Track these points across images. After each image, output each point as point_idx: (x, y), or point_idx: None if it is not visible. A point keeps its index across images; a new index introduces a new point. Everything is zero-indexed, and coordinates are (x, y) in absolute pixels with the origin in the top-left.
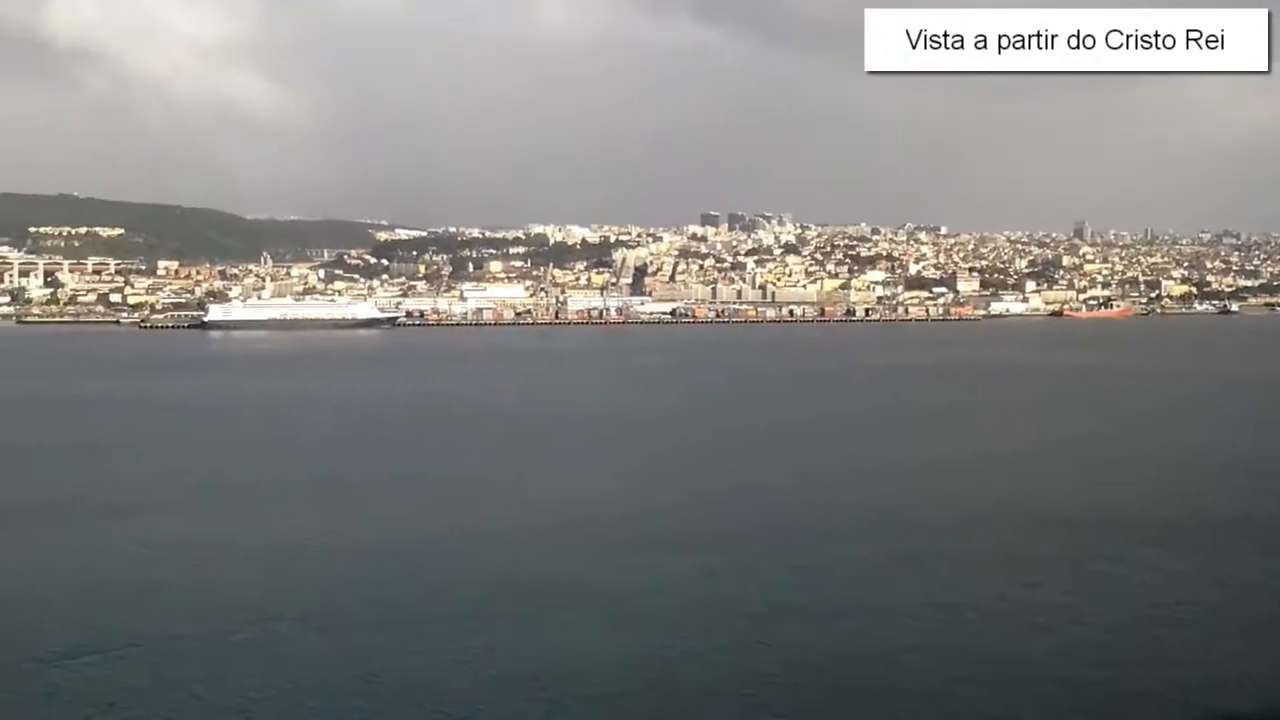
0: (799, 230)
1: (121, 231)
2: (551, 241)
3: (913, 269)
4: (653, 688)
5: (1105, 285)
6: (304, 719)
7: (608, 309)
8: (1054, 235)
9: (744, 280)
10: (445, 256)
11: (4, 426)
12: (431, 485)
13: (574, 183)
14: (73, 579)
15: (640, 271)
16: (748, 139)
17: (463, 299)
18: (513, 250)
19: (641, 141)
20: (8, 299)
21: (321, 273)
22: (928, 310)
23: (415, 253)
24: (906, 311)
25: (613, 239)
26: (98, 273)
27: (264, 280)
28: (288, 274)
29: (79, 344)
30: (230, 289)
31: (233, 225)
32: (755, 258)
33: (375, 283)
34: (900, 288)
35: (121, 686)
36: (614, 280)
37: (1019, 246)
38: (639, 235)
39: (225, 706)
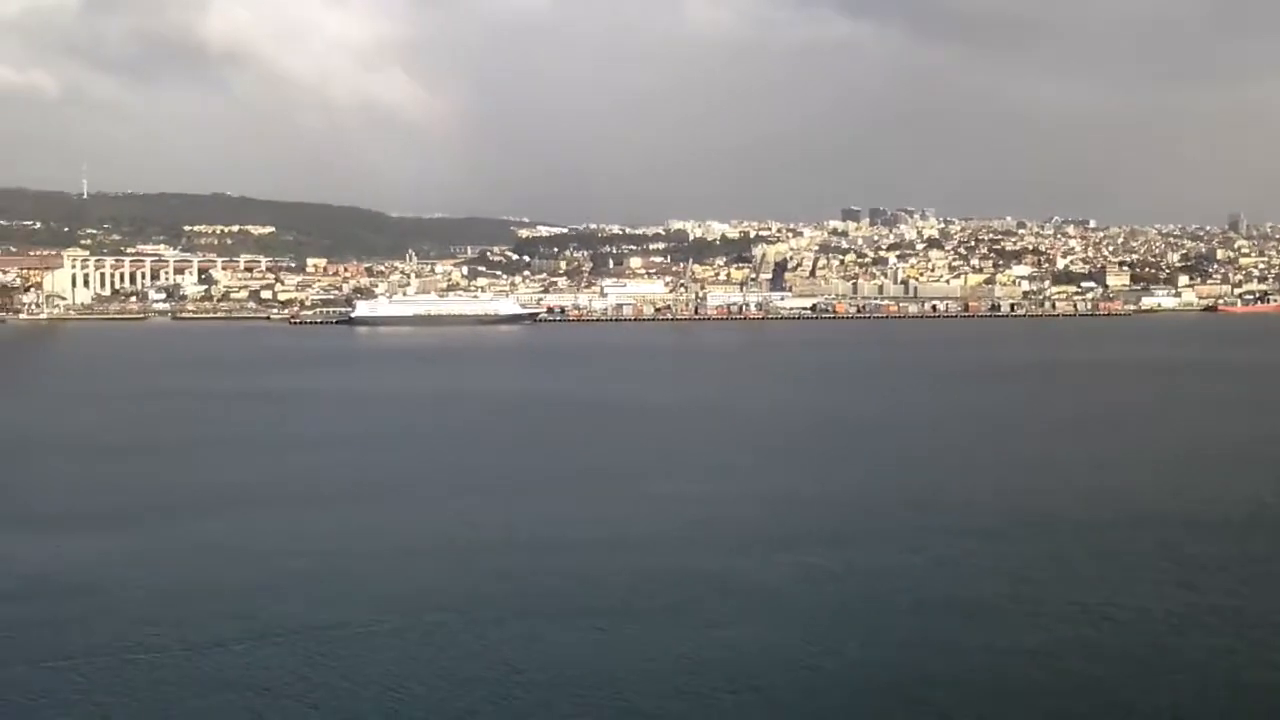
0: (942, 224)
1: (272, 230)
2: (691, 237)
3: (1060, 263)
4: (803, 680)
5: (1261, 279)
6: (456, 708)
7: (747, 304)
8: (1207, 228)
9: (885, 275)
10: (586, 253)
11: (188, 421)
12: (582, 480)
13: (715, 179)
14: (232, 569)
15: (780, 267)
16: (891, 133)
17: (603, 295)
18: (653, 246)
19: (782, 137)
20: (164, 296)
21: (465, 269)
22: (1075, 305)
23: (556, 249)
24: (1053, 307)
25: (752, 234)
26: (249, 270)
27: (409, 277)
28: (432, 271)
29: (235, 340)
30: (376, 286)
31: (379, 223)
32: (897, 252)
33: (517, 279)
34: (1047, 282)
35: (280, 673)
36: (754, 276)
37: (1171, 239)
38: (779, 230)
39: (380, 694)
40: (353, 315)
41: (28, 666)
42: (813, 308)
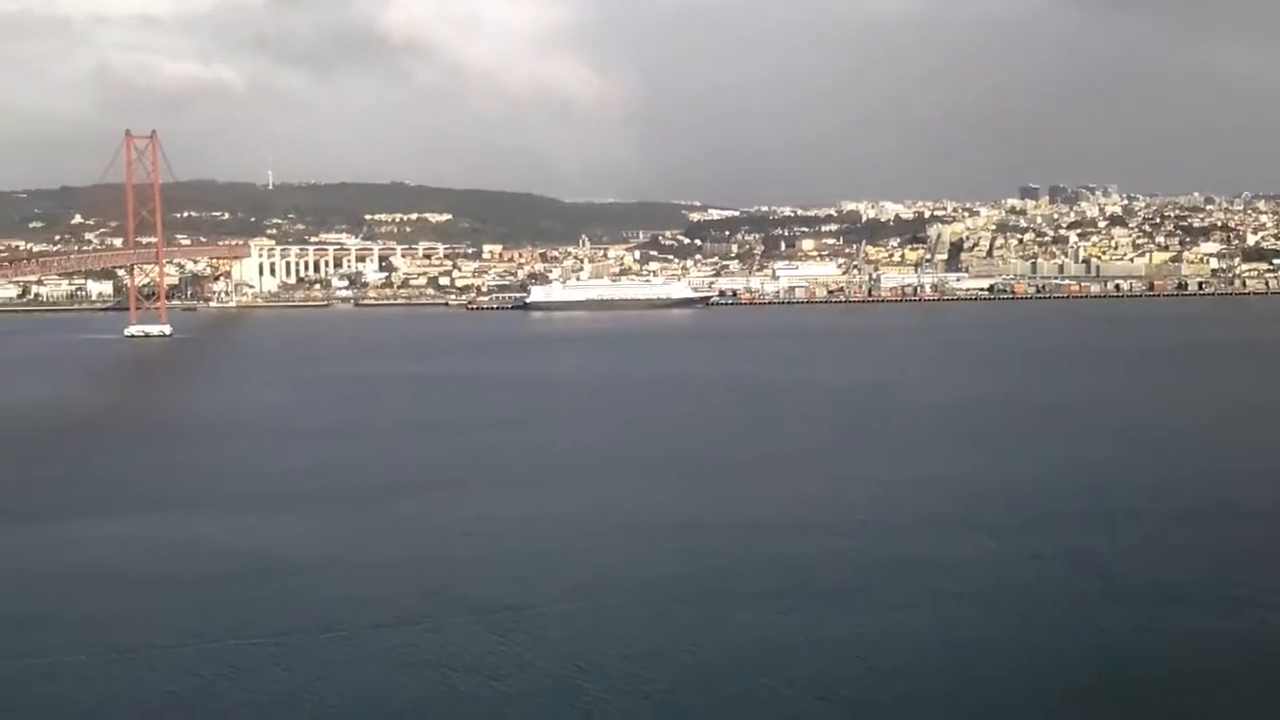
0: (1125, 201)
1: (449, 217)
2: (864, 218)
3: (1250, 239)
4: (988, 668)
5: None
6: (641, 690)
7: (922, 286)
8: None
9: (1066, 254)
10: (758, 235)
11: (378, 405)
12: (763, 462)
13: (888, 159)
14: (419, 549)
15: (956, 247)
16: (1070, 109)
17: (775, 277)
18: (825, 228)
19: (957, 115)
20: (347, 283)
21: (637, 254)
22: (1267, 283)
23: (728, 232)
24: (1244, 284)
25: (927, 215)
26: (428, 257)
27: (582, 262)
28: (605, 255)
29: (415, 326)
30: (550, 271)
31: (553, 209)
32: (1078, 230)
33: (689, 263)
34: (1237, 260)
35: (465, 651)
36: (928, 257)
37: None
38: (954, 210)
39: (566, 674)
40: (528, 300)
41: (225, 641)
42: (990, 288)
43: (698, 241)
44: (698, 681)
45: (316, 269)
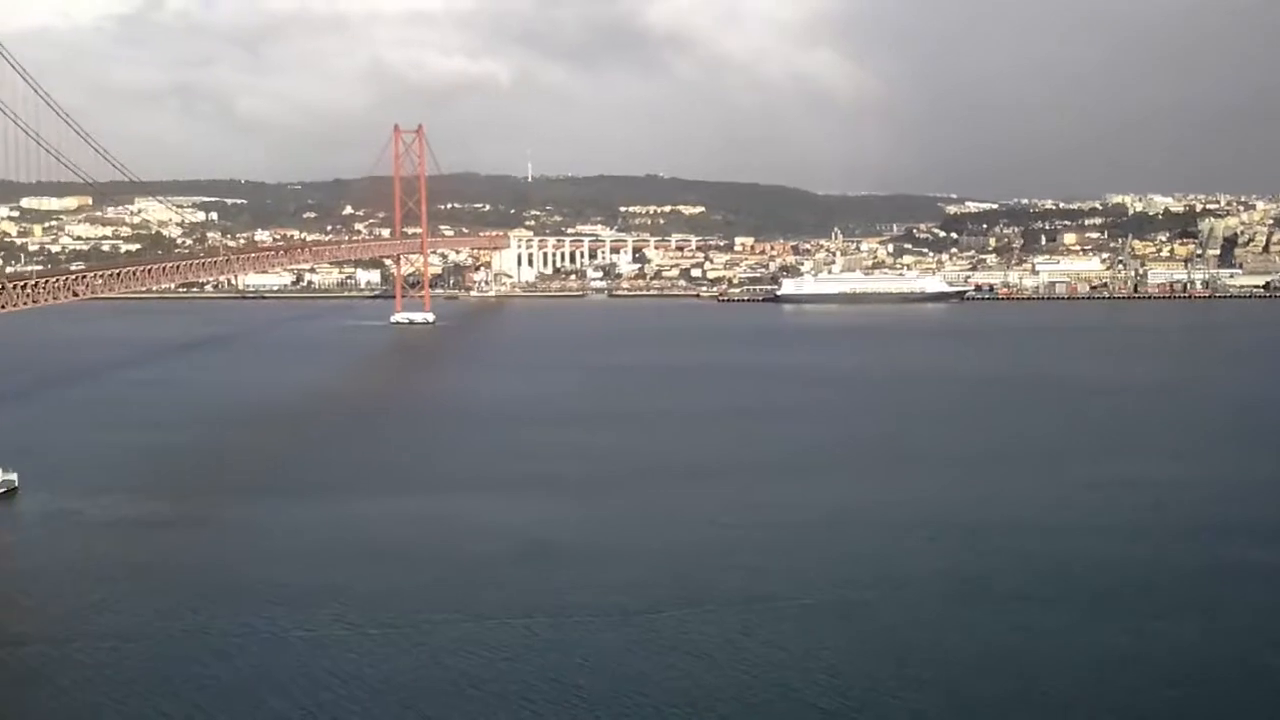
0: None
1: (702, 209)
2: (1130, 212)
3: None
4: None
5: None
6: (887, 686)
7: (1192, 282)
8: None
9: None
10: (1016, 229)
11: (636, 393)
12: (1018, 459)
13: (1156, 150)
14: (669, 536)
15: (1229, 242)
16: None
17: (1034, 272)
18: (1088, 221)
19: (1232, 104)
20: (601, 274)
21: (890, 247)
22: None
23: (985, 225)
24: None
25: (1198, 208)
26: (680, 249)
27: (834, 255)
28: (857, 248)
29: (667, 317)
30: (802, 264)
31: (805, 201)
32: None
33: (944, 256)
34: None
35: (711, 639)
36: (1199, 252)
37: None
38: (1228, 203)
39: (810, 667)
40: (778, 293)
41: (483, 620)
42: (1266, 285)
43: (954, 235)
44: (943, 685)
45: (572, 260)
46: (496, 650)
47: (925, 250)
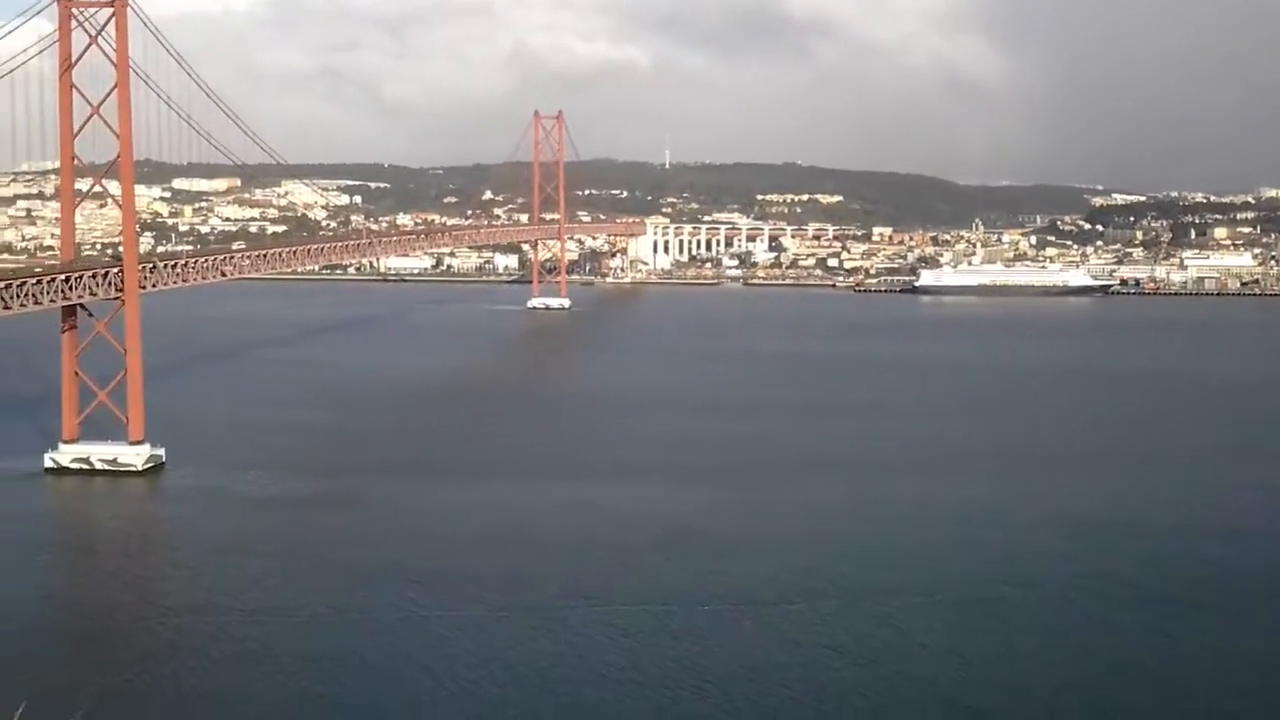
0: None
1: (840, 198)
2: None
3: None
4: None
5: None
6: (1021, 685)
7: None
8: None
9: None
10: (1165, 222)
11: (771, 383)
12: (1154, 461)
13: None
14: (796, 526)
15: None
16: None
17: (1182, 267)
18: (1240, 216)
19: None
20: (736, 262)
21: (1033, 239)
22: None
23: (1132, 218)
24: None
25: None
26: (817, 238)
27: (975, 246)
28: (998, 240)
29: (802, 306)
30: (941, 254)
31: (946, 191)
32: None
33: (1088, 249)
34: None
35: (840, 632)
36: None
37: None
38: None
39: (939, 662)
40: (916, 284)
41: (614, 605)
42: None
43: (1099, 227)
44: (1083, 687)
45: (708, 247)
46: (631, 636)
47: (1069, 243)
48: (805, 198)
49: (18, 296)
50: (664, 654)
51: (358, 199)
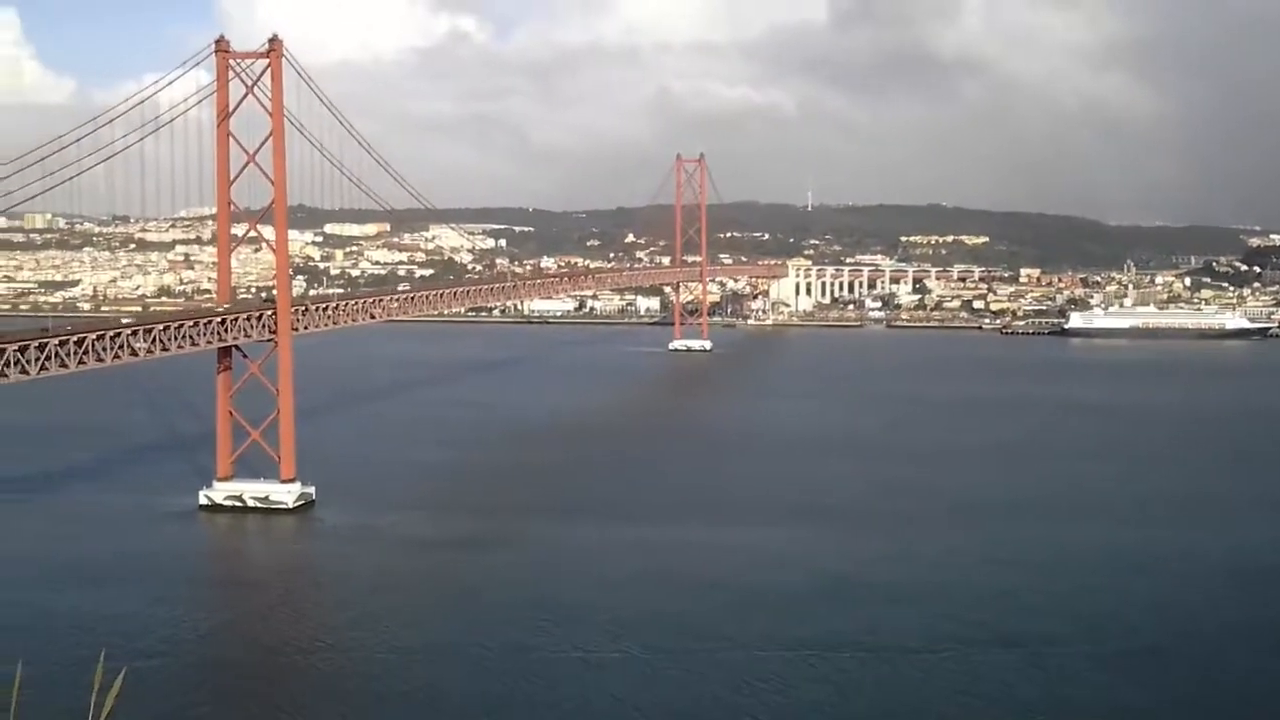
0: None
1: (986, 240)
2: None
3: None
4: None
5: None
6: None
7: None
8: None
9: None
10: None
11: (921, 425)
12: None
13: None
14: (953, 574)
15: None
16: None
17: None
18: None
19: None
20: (880, 304)
21: (1186, 280)
22: None
23: None
24: None
25: None
26: (962, 280)
27: (1126, 288)
28: (1151, 281)
29: (947, 349)
30: (1091, 296)
31: (1095, 232)
32: None
33: (1245, 291)
34: None
35: (998, 683)
36: None
37: None
38: None
39: (1090, 714)
40: (1065, 326)
41: (752, 650)
42: None
43: (1256, 268)
44: None
45: (850, 289)
46: (769, 681)
47: (1225, 284)
48: (950, 239)
49: (175, 338)
50: (802, 700)
51: (503, 242)
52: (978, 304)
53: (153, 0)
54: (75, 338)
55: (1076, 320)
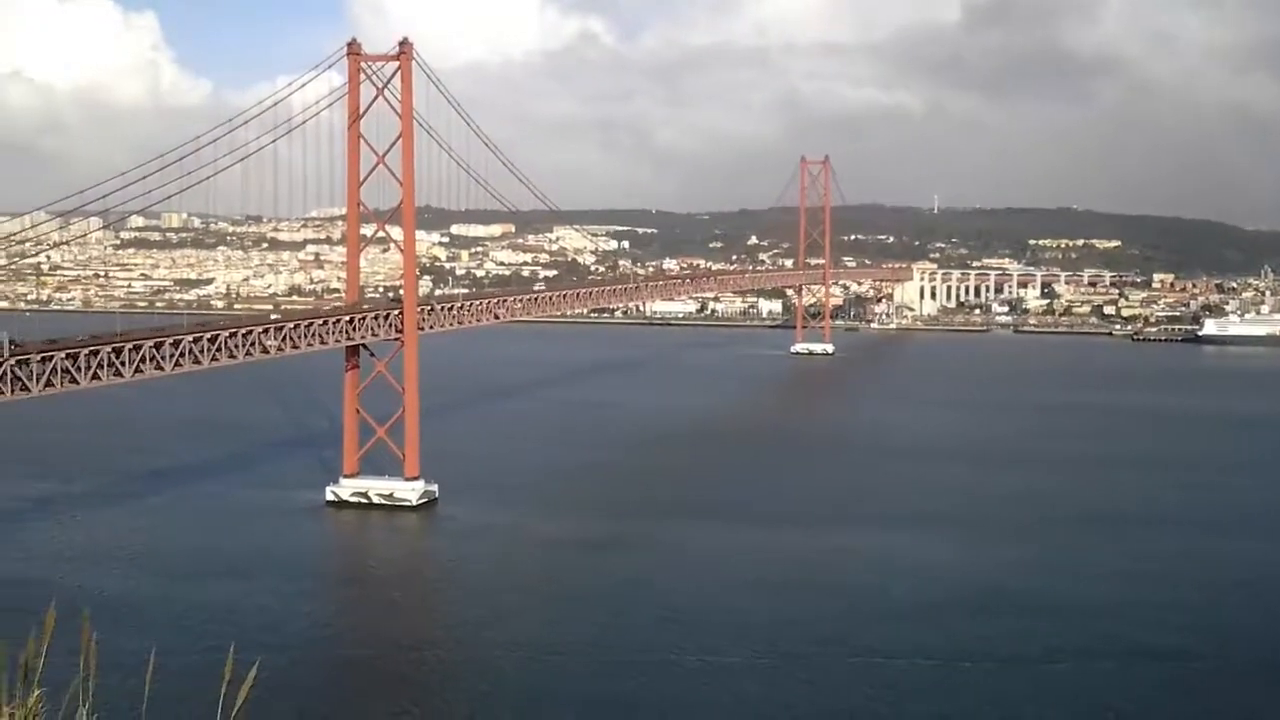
0: None
1: (1118, 244)
2: None
3: None
4: None
5: None
6: None
7: None
8: None
9: None
10: None
11: (1055, 435)
12: None
13: None
14: (1073, 583)
15: None
16: None
17: None
18: None
19: None
20: (1007, 309)
21: None
22: None
23: None
24: None
25: None
26: (1092, 284)
27: (1264, 294)
28: None
29: (1075, 354)
30: (1227, 303)
31: (1232, 236)
32: None
33: None
34: None
35: (1114, 696)
36: None
37: None
38: None
39: None
40: (1199, 333)
41: (868, 656)
42: None
43: None
44: None
45: (977, 294)
46: (885, 689)
47: None
48: (1080, 243)
49: (305, 336)
50: (918, 709)
51: (625, 244)
52: (1108, 309)
53: (286, 3)
54: (209, 335)
55: (1211, 327)
